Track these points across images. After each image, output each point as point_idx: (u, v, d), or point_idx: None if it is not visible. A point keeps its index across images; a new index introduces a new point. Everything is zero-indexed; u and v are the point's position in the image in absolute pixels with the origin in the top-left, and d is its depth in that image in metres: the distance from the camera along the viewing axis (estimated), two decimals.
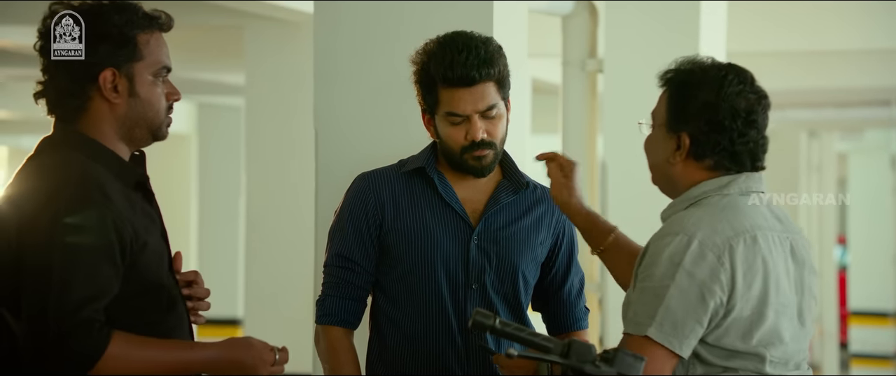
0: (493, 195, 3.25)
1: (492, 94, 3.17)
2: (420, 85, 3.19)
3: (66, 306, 2.51)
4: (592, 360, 2.48)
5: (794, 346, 2.74)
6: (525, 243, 3.25)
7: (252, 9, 6.76)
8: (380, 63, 3.76)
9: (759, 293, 2.68)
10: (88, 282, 2.54)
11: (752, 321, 2.68)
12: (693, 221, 2.70)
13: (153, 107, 2.72)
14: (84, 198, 2.57)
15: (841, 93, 10.68)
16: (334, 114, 3.78)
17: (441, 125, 3.18)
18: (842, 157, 16.42)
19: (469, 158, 3.18)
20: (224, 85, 10.39)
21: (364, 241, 3.23)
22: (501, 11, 3.71)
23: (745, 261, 2.67)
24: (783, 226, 2.77)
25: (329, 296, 3.25)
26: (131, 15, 2.67)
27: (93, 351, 2.53)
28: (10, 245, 2.59)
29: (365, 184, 3.26)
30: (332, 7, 3.81)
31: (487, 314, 2.58)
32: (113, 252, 2.58)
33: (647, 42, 5.71)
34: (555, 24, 6.19)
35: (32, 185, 2.63)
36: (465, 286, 3.20)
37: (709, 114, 2.74)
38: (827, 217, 14.85)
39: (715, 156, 2.76)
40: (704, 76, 2.77)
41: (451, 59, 3.12)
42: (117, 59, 2.66)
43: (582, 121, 6.01)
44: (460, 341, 3.20)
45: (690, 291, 2.64)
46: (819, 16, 8.20)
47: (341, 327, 3.23)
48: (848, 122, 13.59)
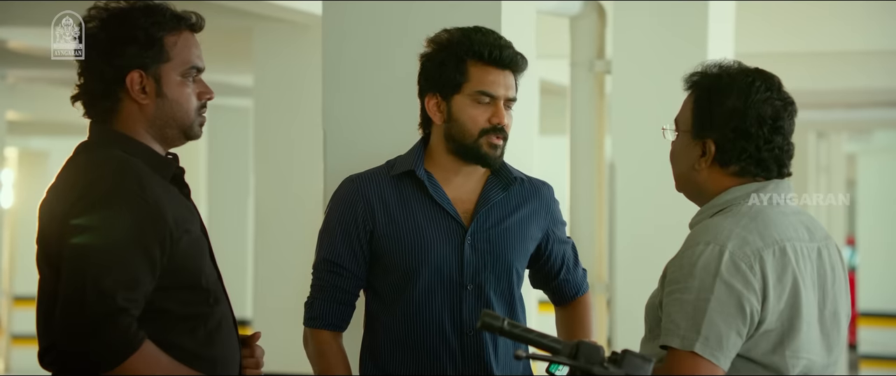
0: (482, 193, 3.23)
1: (515, 87, 3.18)
2: (443, 63, 3.15)
3: (102, 295, 2.53)
4: (601, 361, 2.48)
5: (823, 359, 2.72)
6: (518, 239, 3.23)
7: (260, 10, 6.76)
8: (388, 64, 3.76)
9: (788, 304, 2.67)
10: (122, 271, 2.56)
11: (783, 333, 2.66)
12: (723, 230, 2.68)
13: (182, 107, 2.74)
14: (119, 191, 2.60)
15: (849, 94, 10.66)
16: (342, 116, 3.79)
17: (462, 105, 3.15)
18: (850, 158, 16.38)
19: (485, 143, 3.15)
20: (232, 86, 10.40)
21: (353, 246, 3.20)
22: (510, 12, 3.71)
23: (775, 272, 2.65)
24: (810, 234, 2.75)
25: (317, 299, 3.24)
26: (158, 16, 2.70)
27: (123, 348, 2.55)
28: (48, 241, 2.63)
29: (354, 187, 3.23)
30: (341, 8, 3.81)
31: (496, 315, 2.58)
32: (148, 244, 2.60)
33: (655, 43, 5.71)
34: (563, 25, 6.19)
35: (70, 182, 2.66)
36: (459, 287, 3.19)
37: (735, 120, 2.72)
38: (836, 218, 14.82)
39: (741, 163, 2.74)
40: (732, 82, 2.74)
41: (494, 40, 3.14)
42: (144, 61, 2.69)
43: (590, 122, 6.01)
44: (455, 342, 3.18)
45: (730, 303, 2.63)
46: (827, 17, 8.20)
47: (329, 330, 3.22)
48: (856, 123, 13.57)
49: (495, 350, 3.21)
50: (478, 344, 3.19)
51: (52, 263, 2.64)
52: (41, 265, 2.68)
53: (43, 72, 9.90)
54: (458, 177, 3.22)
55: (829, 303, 2.75)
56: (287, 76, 7.27)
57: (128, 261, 2.58)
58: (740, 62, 2.81)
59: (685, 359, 2.63)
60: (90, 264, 2.55)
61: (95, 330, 2.53)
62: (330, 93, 3.81)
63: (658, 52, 5.69)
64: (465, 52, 3.13)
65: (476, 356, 3.19)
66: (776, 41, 8.32)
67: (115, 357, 2.54)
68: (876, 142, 15.66)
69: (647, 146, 5.59)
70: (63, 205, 2.62)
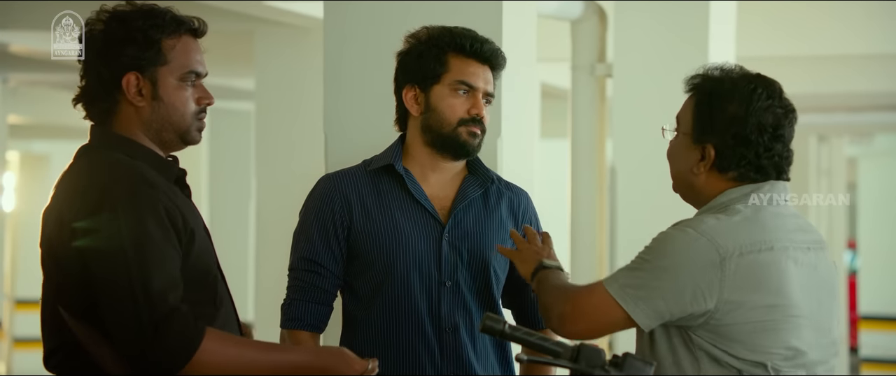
0: (459, 190, 3.23)
1: (493, 84, 3.20)
2: (422, 55, 3.18)
3: (153, 298, 2.54)
4: (602, 365, 2.48)
5: (815, 356, 2.72)
6: (495, 238, 3.23)
7: (262, 13, 6.77)
8: (389, 67, 3.76)
9: (769, 303, 2.66)
10: (163, 271, 2.57)
11: (764, 329, 2.66)
12: (710, 225, 2.69)
13: (178, 111, 2.73)
14: (136, 192, 2.60)
15: (850, 97, 10.66)
16: (343, 119, 3.79)
17: (441, 96, 3.17)
18: (851, 162, 16.38)
19: (464, 132, 3.16)
20: (234, 89, 10.41)
21: (331, 244, 3.20)
22: (510, 15, 3.72)
23: (755, 270, 2.66)
24: (807, 236, 2.76)
25: (295, 301, 3.23)
26: (157, 19, 2.70)
27: (190, 343, 2.55)
28: (56, 245, 2.62)
29: (330, 184, 3.24)
30: (342, 12, 3.82)
31: (497, 318, 2.58)
32: (173, 239, 2.61)
33: (656, 47, 5.72)
34: (564, 29, 6.20)
35: (80, 186, 2.65)
36: (438, 284, 3.18)
37: (736, 127, 2.73)
38: (837, 221, 14.82)
39: (740, 169, 2.75)
40: (733, 88, 2.75)
41: (474, 36, 3.18)
42: (140, 63, 2.69)
43: (591, 125, 6.01)
44: (434, 340, 3.17)
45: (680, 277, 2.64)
46: (828, 20, 8.20)
47: (308, 331, 3.22)
48: (857, 127, 13.56)
49: (474, 347, 3.20)
50: (456, 341, 3.18)
51: (61, 266, 2.62)
52: (48, 267, 2.67)
53: (44, 75, 9.91)
54: (434, 174, 3.22)
55: (823, 305, 2.75)
56: (288, 79, 7.28)
57: (165, 260, 2.58)
58: (742, 67, 2.81)
59: (596, 292, 2.72)
60: (131, 270, 2.54)
61: (156, 334, 2.53)
62: (331, 96, 3.82)
63: (659, 56, 5.69)
64: (446, 44, 3.17)
65: (455, 354, 3.18)
66: (777, 45, 8.32)
67: (185, 353, 2.55)
68: (877, 145, 15.66)
69: (648, 150, 5.59)
70: (73, 209, 2.60)
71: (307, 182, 8.06)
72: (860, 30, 8.23)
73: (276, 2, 6.55)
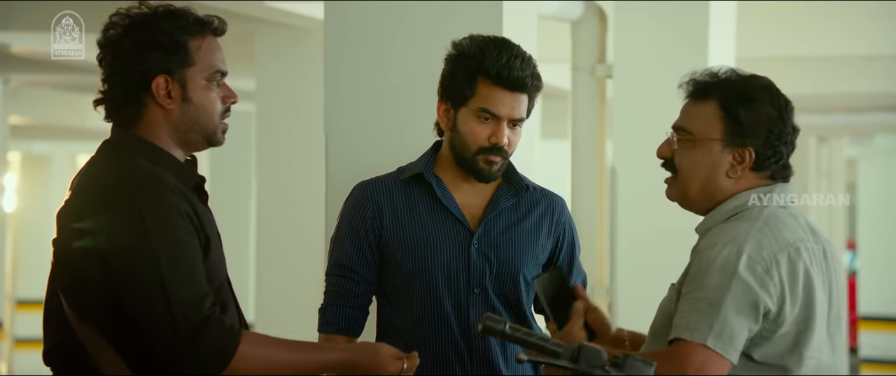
0: (492, 199, 3.26)
1: (525, 106, 3.19)
2: (455, 73, 3.17)
3: (188, 307, 2.54)
4: (602, 365, 2.48)
5: (829, 358, 2.75)
6: (526, 246, 3.25)
7: (262, 14, 6.77)
8: (390, 68, 3.77)
9: (803, 306, 2.69)
10: (193, 277, 2.58)
11: (798, 334, 2.68)
12: (740, 233, 2.70)
13: (207, 111, 2.74)
14: (164, 197, 2.60)
15: (850, 98, 10.67)
16: (344, 120, 3.80)
17: (466, 119, 3.17)
18: (851, 162, 16.38)
19: (481, 160, 3.18)
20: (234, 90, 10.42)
21: (363, 251, 3.24)
22: (511, 15, 3.72)
23: (791, 275, 2.68)
24: (815, 236, 2.78)
25: (330, 305, 3.28)
26: (182, 21, 2.70)
27: (227, 349, 2.56)
28: (69, 242, 2.60)
29: (363, 193, 3.27)
30: (343, 13, 3.82)
31: (497, 319, 2.58)
32: (198, 245, 2.62)
33: (657, 47, 5.72)
34: (564, 30, 6.20)
35: (104, 184, 2.63)
36: (466, 291, 3.21)
37: (776, 127, 2.76)
38: (836, 221, 14.82)
39: (774, 167, 2.77)
40: (762, 90, 2.78)
41: (508, 60, 3.13)
42: (169, 66, 2.69)
43: (591, 126, 6.02)
44: (463, 346, 3.22)
45: (744, 300, 2.64)
46: (827, 21, 8.20)
47: (343, 335, 3.26)
48: (857, 127, 13.57)
49: (504, 351, 3.24)
50: (486, 345, 3.22)
51: (77, 265, 2.60)
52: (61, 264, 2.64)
53: (45, 76, 9.91)
54: (467, 183, 3.25)
55: (834, 304, 2.77)
56: (289, 80, 7.28)
57: (195, 267, 2.59)
58: (734, 68, 2.83)
59: (695, 352, 2.65)
60: (164, 277, 2.54)
61: (194, 342, 2.54)
62: (331, 97, 3.82)
63: (659, 57, 5.70)
64: (476, 68, 3.15)
65: (484, 357, 3.22)
66: (777, 45, 8.32)
67: (223, 359, 2.56)
68: (876, 146, 15.67)
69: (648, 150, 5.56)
70: (95, 207, 2.59)
71: (307, 182, 8.08)
72: (860, 30, 8.24)
73: (277, 3, 6.56)
